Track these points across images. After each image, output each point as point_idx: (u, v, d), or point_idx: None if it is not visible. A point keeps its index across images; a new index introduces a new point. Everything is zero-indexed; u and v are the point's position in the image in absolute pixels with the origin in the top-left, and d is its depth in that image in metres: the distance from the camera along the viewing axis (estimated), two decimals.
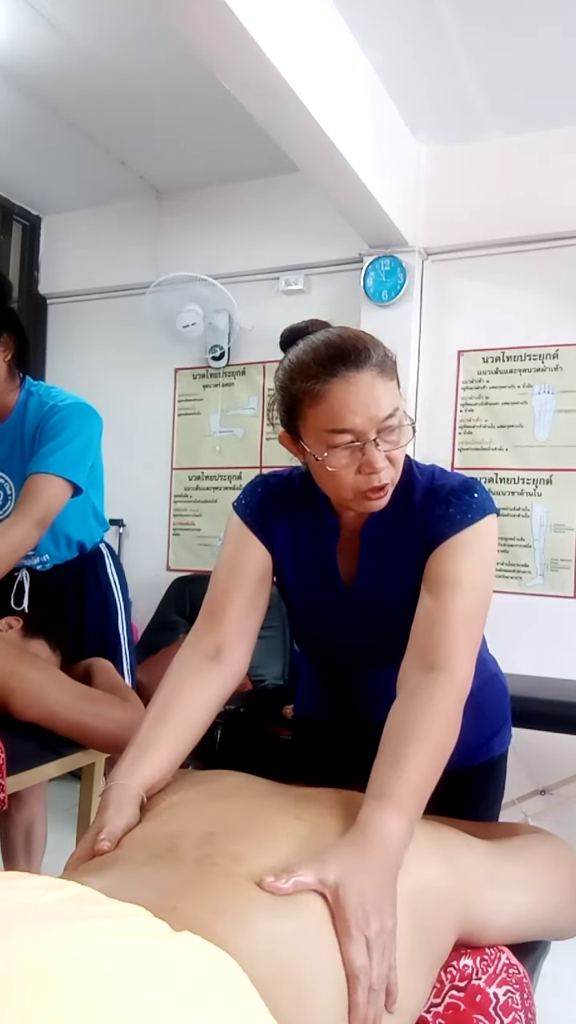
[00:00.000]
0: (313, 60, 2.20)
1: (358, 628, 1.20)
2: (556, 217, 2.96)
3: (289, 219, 3.45)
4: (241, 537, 1.20)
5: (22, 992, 0.46)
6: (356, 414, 0.99)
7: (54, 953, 0.51)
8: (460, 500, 1.09)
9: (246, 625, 1.17)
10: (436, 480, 1.14)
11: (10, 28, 2.57)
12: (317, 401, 1.01)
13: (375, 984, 0.72)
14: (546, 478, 3.06)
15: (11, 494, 1.80)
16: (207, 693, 1.10)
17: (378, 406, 1.00)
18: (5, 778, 1.43)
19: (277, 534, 1.20)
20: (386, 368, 1.02)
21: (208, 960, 0.59)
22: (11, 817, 1.96)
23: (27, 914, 0.58)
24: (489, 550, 1.10)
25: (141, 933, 0.59)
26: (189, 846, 0.80)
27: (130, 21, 2.50)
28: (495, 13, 2.37)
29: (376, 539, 1.16)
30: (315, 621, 1.26)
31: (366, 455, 1.01)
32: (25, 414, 1.77)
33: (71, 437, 1.70)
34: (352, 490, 1.05)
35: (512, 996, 0.86)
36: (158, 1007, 0.50)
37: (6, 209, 3.81)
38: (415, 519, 1.12)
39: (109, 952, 0.54)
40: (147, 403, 3.81)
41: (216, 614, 1.16)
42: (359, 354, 1.00)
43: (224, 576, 1.19)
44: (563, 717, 2.41)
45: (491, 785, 1.34)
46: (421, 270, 3.19)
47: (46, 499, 1.67)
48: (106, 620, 1.96)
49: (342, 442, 1.01)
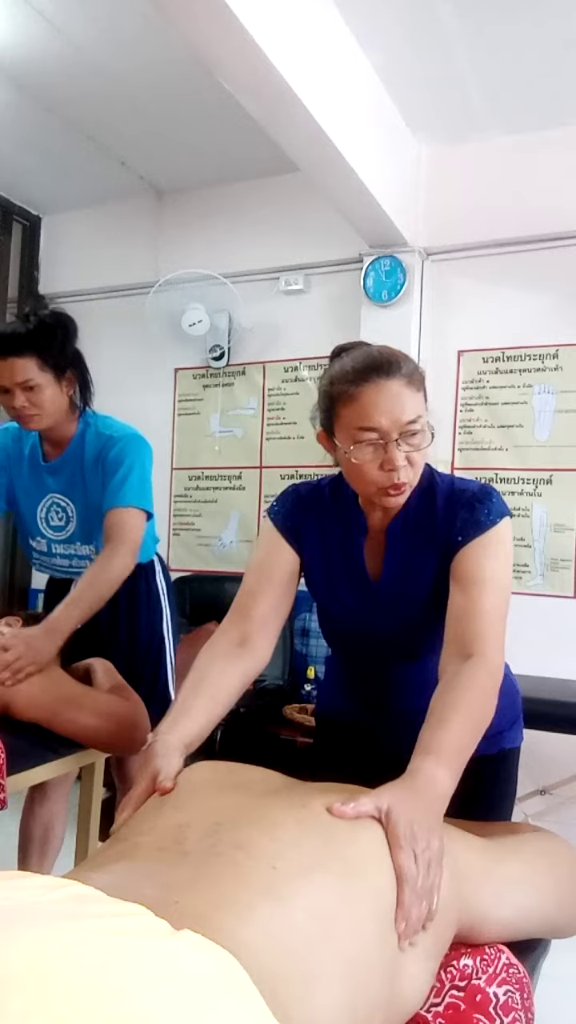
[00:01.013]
0: (313, 60, 2.21)
1: (383, 619, 1.30)
2: (556, 217, 2.96)
3: (289, 219, 3.45)
4: (272, 542, 1.33)
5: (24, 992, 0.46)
6: (382, 415, 1.13)
7: (56, 952, 0.51)
8: (483, 504, 1.22)
9: (271, 621, 1.29)
10: (456, 486, 1.27)
11: (10, 28, 2.57)
12: (350, 401, 1.16)
13: (419, 890, 0.82)
14: (546, 478, 3.06)
15: (72, 516, 1.95)
16: (234, 673, 1.23)
17: (402, 411, 1.14)
18: (5, 778, 1.43)
19: (306, 537, 1.33)
20: (414, 380, 1.16)
21: (209, 959, 0.59)
22: (34, 811, 2.00)
23: (29, 913, 0.58)
24: (509, 549, 1.24)
25: (142, 932, 0.59)
26: (195, 837, 0.81)
27: (130, 21, 2.50)
28: (495, 14, 2.37)
29: (401, 537, 1.28)
30: (343, 614, 1.36)
31: (388, 453, 1.15)
32: (83, 443, 1.91)
33: (131, 467, 1.86)
34: (373, 484, 1.19)
35: (512, 996, 0.86)
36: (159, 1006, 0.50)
37: (6, 209, 3.81)
38: (438, 520, 1.25)
39: (111, 951, 0.54)
40: (147, 403, 3.80)
41: (245, 609, 1.29)
42: (391, 366, 1.14)
43: (255, 577, 1.32)
44: (563, 717, 2.41)
45: (504, 776, 1.40)
46: (421, 270, 3.19)
47: (132, 529, 1.84)
48: (154, 626, 2.08)
49: (368, 439, 1.15)
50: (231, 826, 0.82)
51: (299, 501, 1.35)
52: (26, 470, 1.97)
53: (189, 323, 3.51)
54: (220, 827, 0.82)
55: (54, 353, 1.78)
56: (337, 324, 3.37)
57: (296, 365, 3.51)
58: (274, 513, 1.36)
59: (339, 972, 0.71)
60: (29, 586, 4.02)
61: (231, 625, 1.28)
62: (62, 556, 2.00)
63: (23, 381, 1.76)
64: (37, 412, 1.80)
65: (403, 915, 0.80)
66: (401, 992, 0.78)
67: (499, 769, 1.38)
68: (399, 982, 0.78)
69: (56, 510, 1.96)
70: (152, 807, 0.94)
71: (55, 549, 2.00)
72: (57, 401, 1.82)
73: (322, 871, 0.78)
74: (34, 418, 1.81)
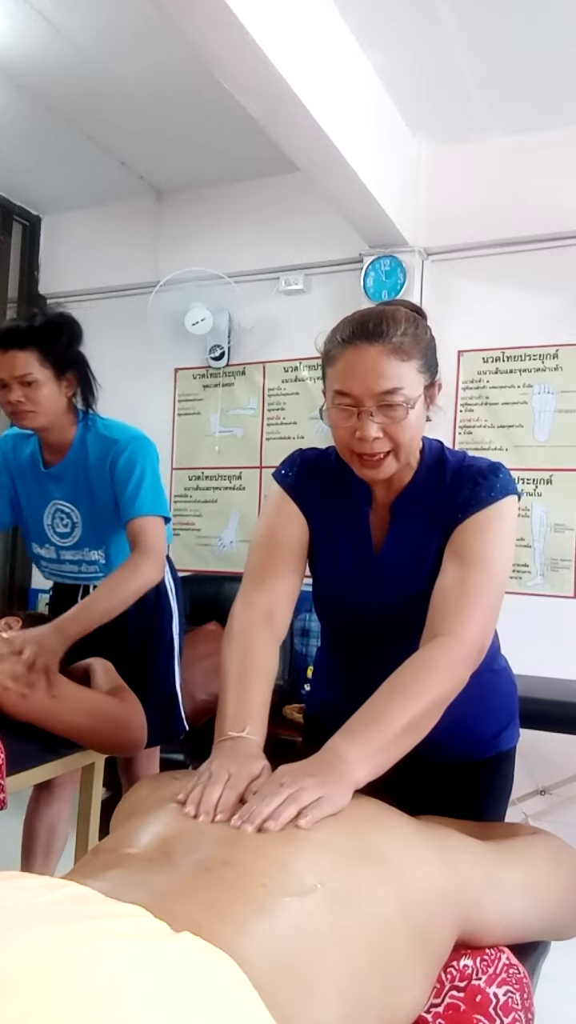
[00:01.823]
0: (313, 60, 2.20)
1: (381, 594, 1.26)
2: (556, 217, 2.96)
3: (289, 219, 3.45)
4: (283, 507, 1.28)
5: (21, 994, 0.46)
6: (355, 381, 1.10)
7: (53, 954, 0.51)
8: (487, 480, 1.17)
9: (291, 593, 1.25)
10: (466, 462, 1.23)
11: (10, 28, 2.57)
12: (332, 362, 1.14)
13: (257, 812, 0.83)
14: (546, 478, 3.06)
15: (77, 522, 1.94)
16: (273, 650, 1.19)
17: (378, 380, 1.08)
18: (5, 778, 1.44)
19: (312, 501, 1.28)
20: (403, 348, 1.09)
21: (208, 961, 0.59)
22: (39, 811, 2.00)
23: (26, 915, 0.58)
24: (510, 528, 1.18)
25: (140, 934, 0.59)
26: (182, 851, 0.80)
27: (130, 21, 2.50)
28: (495, 13, 2.37)
29: (406, 512, 1.24)
30: (340, 586, 1.31)
31: (360, 420, 1.11)
32: (85, 447, 1.90)
33: (143, 472, 1.85)
34: (347, 449, 1.16)
35: (512, 996, 0.86)
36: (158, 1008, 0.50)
37: (6, 209, 3.81)
38: (444, 496, 1.20)
39: (108, 953, 0.54)
40: (147, 403, 3.80)
41: (266, 579, 1.23)
42: (377, 330, 1.09)
43: (268, 544, 1.27)
44: (563, 717, 2.41)
45: (500, 779, 1.36)
46: (421, 270, 3.19)
47: (155, 538, 1.84)
48: (162, 625, 2.08)
49: (342, 403, 1.12)
50: (216, 841, 0.81)
51: (306, 465, 1.30)
52: (28, 478, 1.97)
53: (192, 322, 3.50)
54: (206, 842, 0.81)
55: (56, 351, 1.78)
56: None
57: (296, 365, 3.51)
58: (282, 477, 1.31)
59: (337, 992, 0.70)
60: (29, 586, 4.02)
61: (255, 597, 1.22)
62: (71, 562, 2.00)
63: (22, 375, 1.75)
64: (32, 409, 1.79)
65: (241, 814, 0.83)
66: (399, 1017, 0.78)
67: (495, 773, 1.35)
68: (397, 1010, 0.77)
69: (61, 517, 1.95)
70: (134, 820, 0.92)
71: (64, 556, 1.99)
72: (54, 400, 1.81)
73: (312, 895, 0.76)
74: (29, 415, 1.80)
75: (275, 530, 1.27)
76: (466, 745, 1.26)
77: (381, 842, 0.88)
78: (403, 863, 0.85)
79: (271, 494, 1.32)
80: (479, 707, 1.26)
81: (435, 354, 1.19)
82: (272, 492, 1.32)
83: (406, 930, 0.80)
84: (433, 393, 1.20)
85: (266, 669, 1.16)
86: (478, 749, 1.31)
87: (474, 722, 1.27)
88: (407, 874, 0.84)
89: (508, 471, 1.22)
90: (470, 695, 1.08)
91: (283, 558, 1.25)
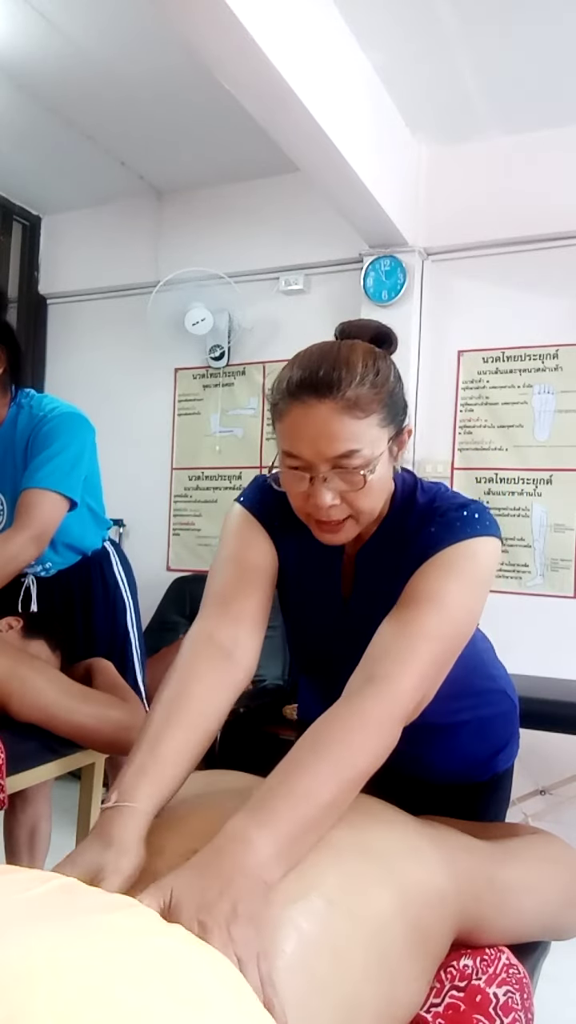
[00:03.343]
0: (313, 60, 2.20)
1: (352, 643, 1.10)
2: (556, 217, 2.96)
3: (289, 219, 3.45)
4: (250, 531, 1.13)
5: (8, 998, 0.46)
6: (304, 444, 0.95)
7: (40, 956, 0.50)
8: (453, 518, 1.02)
9: (259, 622, 1.08)
10: (435, 502, 1.07)
11: (10, 28, 2.57)
12: (280, 418, 0.98)
13: None
14: (546, 478, 3.06)
15: (2, 508, 1.79)
16: (223, 691, 0.99)
17: (329, 442, 0.93)
18: (5, 778, 1.43)
19: (285, 540, 1.13)
20: (358, 404, 0.93)
21: (200, 955, 0.59)
22: (16, 816, 1.97)
23: (16, 912, 0.58)
24: (480, 571, 1.00)
25: (132, 929, 0.58)
26: (166, 868, 0.75)
27: (130, 21, 2.50)
28: (495, 13, 2.37)
29: (371, 563, 1.11)
30: (311, 632, 1.22)
31: (313, 487, 0.97)
32: (15, 427, 1.75)
33: (62, 448, 1.68)
34: (303, 514, 1.02)
35: (512, 996, 0.86)
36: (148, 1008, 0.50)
37: (6, 209, 3.81)
38: (407, 543, 1.06)
39: (98, 953, 0.53)
40: (147, 403, 3.81)
41: (232, 606, 1.06)
42: (327, 381, 0.93)
43: (234, 569, 1.10)
44: (563, 717, 2.41)
45: (496, 800, 1.31)
46: (421, 270, 3.19)
47: (42, 514, 1.65)
48: (115, 619, 1.96)
49: (293, 465, 0.97)
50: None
51: (277, 497, 1.09)
52: None
53: (192, 322, 3.50)
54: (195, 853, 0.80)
55: None
56: (337, 324, 3.36)
57: None
58: (250, 502, 1.15)
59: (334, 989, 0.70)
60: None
61: (215, 626, 1.04)
62: None
63: None
64: None
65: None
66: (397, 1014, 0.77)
67: (491, 794, 1.28)
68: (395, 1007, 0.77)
69: None
70: None
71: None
72: None
73: (303, 902, 0.75)
74: None
75: (242, 552, 1.11)
76: (463, 769, 1.18)
77: (381, 840, 0.88)
78: (403, 862, 0.85)
79: (233, 516, 1.16)
80: (476, 737, 1.20)
81: (401, 398, 1.02)
82: (234, 514, 1.16)
83: (405, 929, 0.80)
84: (402, 441, 1.04)
85: (202, 712, 0.95)
86: (475, 772, 1.26)
87: (470, 750, 1.21)
88: (406, 873, 0.84)
89: (487, 511, 1.05)
90: (469, 725, 0.99)
91: (252, 582, 1.09)
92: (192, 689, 0.97)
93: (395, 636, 0.93)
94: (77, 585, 1.88)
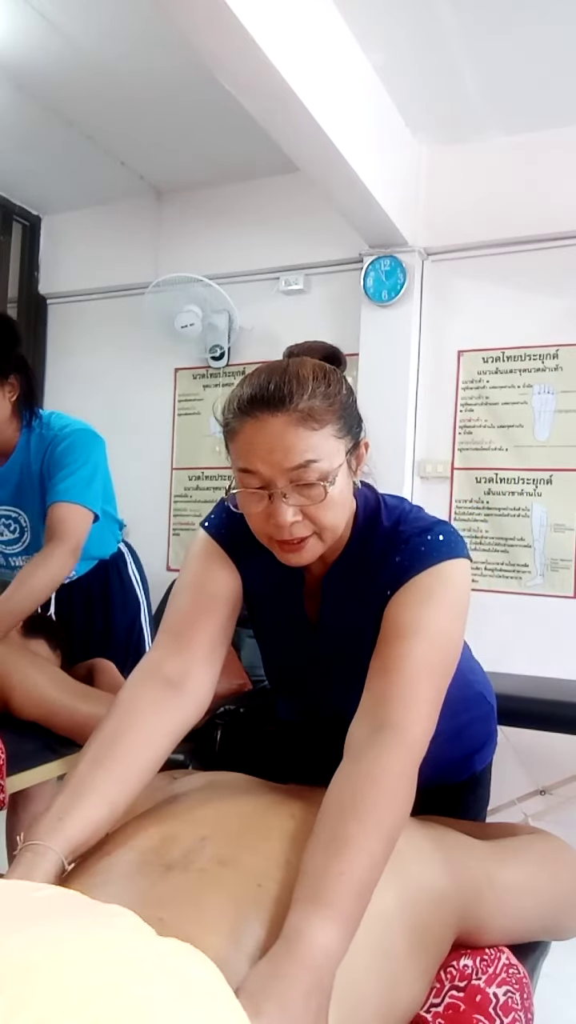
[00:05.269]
0: (313, 60, 2.20)
1: (325, 670, 1.15)
2: (556, 217, 2.96)
3: (289, 219, 3.45)
4: (211, 557, 1.11)
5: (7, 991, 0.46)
6: (259, 459, 0.93)
7: (40, 951, 0.50)
8: (409, 544, 1.01)
9: (215, 652, 1.06)
10: (400, 526, 1.06)
11: (10, 28, 2.57)
12: (233, 437, 0.97)
13: None
14: (546, 478, 3.06)
15: (26, 526, 1.89)
16: (165, 725, 0.97)
17: (285, 454, 0.92)
18: (5, 778, 1.44)
19: (249, 564, 1.12)
20: (311, 416, 0.93)
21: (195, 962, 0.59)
22: (18, 815, 1.98)
23: (14, 913, 0.58)
24: (454, 595, 0.99)
25: (130, 931, 0.59)
26: (179, 852, 0.79)
27: (130, 21, 2.50)
28: (495, 13, 2.37)
29: (337, 588, 1.09)
30: (282, 655, 1.22)
31: (272, 504, 0.95)
32: (28, 448, 1.83)
33: (80, 464, 1.77)
34: (265, 536, 1.00)
35: (512, 996, 0.86)
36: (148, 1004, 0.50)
37: (6, 209, 3.81)
38: (373, 567, 1.04)
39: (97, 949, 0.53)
40: (147, 403, 3.81)
41: (184, 636, 1.05)
42: (279, 395, 0.92)
43: (192, 596, 1.08)
44: (562, 717, 2.41)
45: (474, 799, 1.31)
46: (421, 270, 3.19)
47: (75, 527, 1.73)
48: (132, 618, 2.06)
49: (251, 485, 0.96)
50: (216, 840, 0.81)
51: (242, 520, 1.06)
52: None
53: (181, 325, 3.51)
54: (205, 841, 0.80)
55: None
56: (337, 324, 3.37)
57: None
58: (214, 526, 1.14)
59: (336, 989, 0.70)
60: None
61: (165, 657, 1.03)
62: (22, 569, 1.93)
63: None
64: None
65: None
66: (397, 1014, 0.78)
67: (469, 793, 1.28)
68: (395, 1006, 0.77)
69: (6, 523, 1.89)
70: (131, 822, 0.91)
71: (14, 562, 1.94)
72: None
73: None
74: None
75: (202, 578, 1.10)
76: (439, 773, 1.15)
77: None
78: (404, 862, 0.85)
79: (196, 542, 1.15)
80: (452, 741, 1.19)
81: (355, 411, 1.01)
82: (197, 539, 1.15)
83: (405, 928, 0.80)
84: (360, 455, 1.03)
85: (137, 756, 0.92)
86: (452, 774, 1.26)
87: (446, 752, 1.18)
88: (408, 873, 0.85)
89: (452, 531, 1.04)
90: (445, 733, 0.98)
91: (208, 610, 1.07)
92: (128, 724, 0.95)
93: (391, 677, 0.93)
94: (96, 586, 1.93)
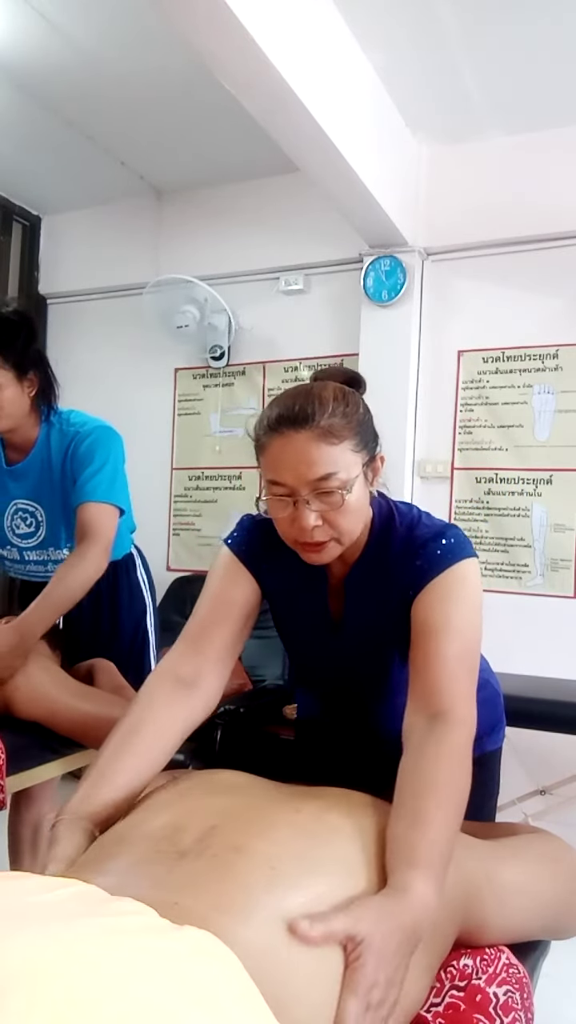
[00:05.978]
0: (313, 60, 2.20)
1: (346, 664, 1.26)
2: (556, 217, 2.96)
3: (289, 219, 3.45)
4: (232, 571, 1.24)
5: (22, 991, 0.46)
6: (286, 470, 1.06)
7: (55, 952, 0.51)
8: (426, 550, 1.14)
9: (227, 657, 1.20)
10: (415, 531, 1.18)
11: (10, 28, 2.57)
12: (262, 452, 1.10)
13: None
14: (546, 478, 3.06)
15: (42, 520, 1.90)
16: (176, 720, 1.11)
17: (309, 467, 1.04)
18: (5, 778, 1.44)
19: (270, 572, 1.24)
20: (331, 432, 1.05)
21: (211, 959, 0.59)
22: (20, 814, 1.98)
23: (28, 913, 0.58)
24: (471, 592, 1.13)
25: (143, 931, 0.59)
26: (190, 840, 0.80)
27: (130, 21, 2.50)
28: (495, 13, 2.37)
29: (359, 588, 1.21)
30: (308, 655, 1.32)
31: (297, 510, 1.07)
32: (48, 445, 1.85)
33: (103, 462, 1.80)
34: (290, 539, 1.12)
35: (512, 996, 0.86)
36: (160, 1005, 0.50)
37: (6, 209, 3.81)
38: (392, 569, 1.17)
39: (111, 950, 0.54)
40: (147, 403, 3.81)
41: (199, 640, 1.19)
42: (302, 414, 1.05)
43: (211, 607, 1.22)
44: (562, 717, 2.41)
45: (483, 779, 1.32)
46: (421, 270, 3.19)
47: (105, 526, 1.77)
48: (138, 620, 2.06)
49: (278, 493, 1.08)
50: (226, 828, 0.82)
51: (262, 533, 1.23)
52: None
53: (178, 325, 3.51)
54: (215, 829, 0.81)
55: (16, 352, 1.72)
56: (337, 324, 3.37)
57: (296, 365, 3.51)
58: (235, 542, 1.26)
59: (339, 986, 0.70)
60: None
61: (181, 659, 1.17)
62: (36, 563, 1.95)
63: None
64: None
65: None
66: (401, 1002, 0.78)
67: (478, 773, 1.32)
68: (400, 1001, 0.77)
69: (23, 516, 1.90)
70: (146, 808, 0.93)
71: (28, 556, 1.95)
72: (18, 402, 1.76)
73: (323, 874, 0.78)
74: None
75: (221, 588, 1.23)
76: None
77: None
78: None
79: (220, 558, 1.27)
80: None
81: (371, 428, 1.13)
82: (221, 555, 1.27)
83: None
84: (376, 467, 1.15)
85: (153, 745, 1.07)
86: None
87: None
88: None
89: (461, 533, 1.17)
90: None
91: (225, 617, 1.20)
92: (147, 717, 1.09)
93: (433, 671, 1.06)
94: (105, 587, 1.93)
